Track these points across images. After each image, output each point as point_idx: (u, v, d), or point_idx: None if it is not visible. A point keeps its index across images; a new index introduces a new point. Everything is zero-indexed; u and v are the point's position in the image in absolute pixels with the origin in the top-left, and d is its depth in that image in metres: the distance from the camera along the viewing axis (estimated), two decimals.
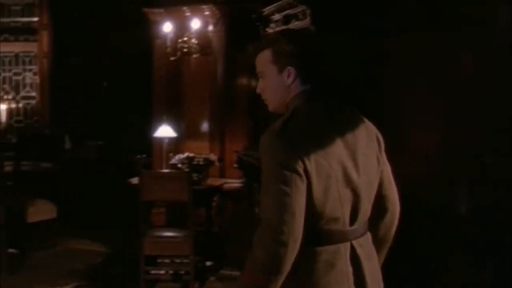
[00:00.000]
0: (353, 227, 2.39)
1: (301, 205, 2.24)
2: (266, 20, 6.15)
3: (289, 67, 2.43)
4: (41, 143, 8.57)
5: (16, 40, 10.07)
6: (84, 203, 7.96)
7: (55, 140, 8.43)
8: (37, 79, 10.02)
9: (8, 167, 7.45)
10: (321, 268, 2.32)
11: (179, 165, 6.61)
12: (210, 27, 7.43)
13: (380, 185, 2.51)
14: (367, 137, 2.48)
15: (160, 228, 6.34)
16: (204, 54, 7.35)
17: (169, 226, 6.65)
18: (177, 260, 6.20)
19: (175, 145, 7.17)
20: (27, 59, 10.09)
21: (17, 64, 10.05)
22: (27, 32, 10.11)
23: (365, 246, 2.45)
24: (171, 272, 6.17)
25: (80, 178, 8.26)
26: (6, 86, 9.94)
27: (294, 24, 5.47)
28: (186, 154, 6.71)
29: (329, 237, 2.35)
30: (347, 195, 2.35)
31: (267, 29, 6.13)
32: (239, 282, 2.34)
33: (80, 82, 9.72)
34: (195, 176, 6.28)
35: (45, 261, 6.83)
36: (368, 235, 2.50)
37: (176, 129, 7.04)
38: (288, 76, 2.43)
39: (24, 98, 10.00)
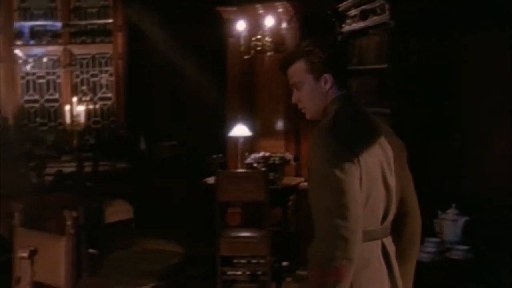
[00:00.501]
0: (383, 226, 2.52)
1: (358, 193, 2.36)
2: (342, 16, 6.02)
3: (325, 75, 2.56)
4: (117, 144, 8.65)
5: (93, 42, 10.20)
6: (160, 203, 7.98)
7: (131, 141, 8.50)
8: (112, 80, 10.13)
9: (87, 168, 7.55)
10: (358, 264, 2.35)
11: (255, 165, 6.54)
12: (284, 25, 7.35)
13: (403, 190, 2.63)
14: (396, 144, 2.63)
15: (236, 229, 6.29)
16: (278, 52, 7.27)
17: (245, 226, 6.60)
18: (254, 261, 6.15)
19: (250, 144, 7.11)
20: (103, 61, 10.21)
21: (93, 65, 10.18)
22: (102, 34, 10.23)
23: (392, 245, 2.58)
24: (247, 272, 6.11)
25: (155, 178, 8.29)
26: (84, 88, 10.09)
27: (372, 20, 5.32)
28: (261, 153, 6.64)
29: (365, 234, 2.41)
30: (383, 195, 2.49)
31: (343, 25, 5.99)
32: (311, 284, 2.36)
33: (154, 82, 9.77)
34: (271, 175, 6.20)
35: (122, 261, 6.85)
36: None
37: (250, 128, 6.98)
38: (325, 83, 2.57)
39: (101, 99, 10.12)
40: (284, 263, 6.46)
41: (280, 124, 7.40)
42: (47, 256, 3.39)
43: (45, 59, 10.08)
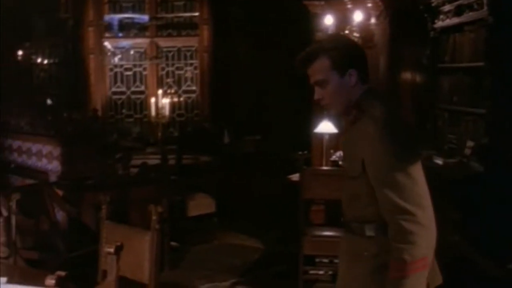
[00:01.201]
0: None
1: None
2: (435, 12, 5.81)
3: (350, 70, 2.59)
4: (201, 137, 8.67)
5: (179, 35, 10.27)
6: (242, 198, 7.94)
7: (215, 135, 8.49)
8: (197, 73, 10.17)
9: (171, 161, 7.58)
10: None
11: (340, 162, 6.40)
12: (373, 20, 7.15)
13: None
14: None
15: (320, 227, 6.15)
16: (366, 48, 7.04)
17: (328, 224, 6.46)
18: (336, 261, 6.00)
19: (336, 141, 6.97)
20: (188, 54, 10.26)
21: (179, 58, 10.24)
22: (188, 27, 10.28)
23: None
24: (330, 272, 5.98)
25: (238, 173, 8.26)
26: (169, 81, 10.17)
27: (468, 15, 5.11)
28: None
29: None
30: None
31: (436, 21, 5.78)
32: (403, 277, 2.42)
33: (239, 76, 9.74)
34: None
35: (204, 255, 6.86)
36: None
37: (336, 124, 6.83)
38: (351, 78, 2.60)
39: (185, 92, 10.19)
40: None
41: None
42: (132, 251, 3.38)
43: (132, 52, 10.21)
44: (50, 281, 2.31)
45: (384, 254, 2.49)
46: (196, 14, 10.18)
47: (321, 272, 5.96)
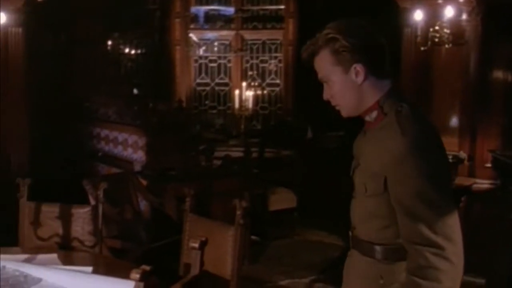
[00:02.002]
0: None
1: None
2: None
3: (355, 65, 2.20)
4: (283, 131, 8.62)
5: (264, 28, 10.25)
6: (323, 194, 7.86)
7: (298, 129, 8.43)
8: (281, 66, 10.13)
9: (253, 154, 7.57)
10: None
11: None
12: (464, 16, 6.94)
13: None
14: None
15: None
16: (457, 45, 6.89)
17: None
18: None
19: None
20: (273, 47, 10.23)
21: (263, 51, 10.23)
22: (274, 20, 10.25)
23: None
24: None
25: (320, 168, 8.18)
26: (253, 73, 10.17)
27: None
28: None
29: None
30: None
31: None
32: None
33: None
34: None
35: (283, 251, 6.82)
36: None
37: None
38: (357, 74, 2.21)
39: (269, 85, 10.17)
40: None
41: (455, 121, 7.03)
42: (215, 245, 3.36)
43: (216, 43, 10.26)
44: (135, 275, 2.31)
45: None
46: (282, 7, 10.15)
47: None
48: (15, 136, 6.55)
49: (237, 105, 9.01)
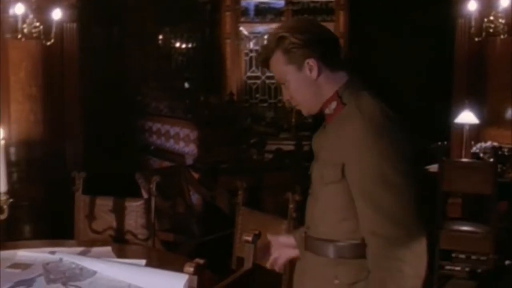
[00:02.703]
0: None
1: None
2: None
3: (307, 60, 2.16)
4: None
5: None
6: None
7: None
8: None
9: (304, 147, 7.55)
10: None
11: (481, 155, 6.12)
12: None
13: None
14: None
15: (458, 221, 5.93)
16: None
17: (465, 219, 6.21)
18: (473, 257, 5.78)
19: (476, 132, 6.68)
20: None
21: None
22: (324, 13, 10.19)
23: None
24: (467, 269, 5.76)
25: None
26: None
27: None
28: (489, 143, 6.20)
29: None
30: None
31: None
32: None
33: (375, 62, 9.56)
34: (498, 167, 5.77)
35: None
36: None
37: (478, 115, 6.54)
38: (311, 69, 2.17)
39: None
40: (507, 262, 6.01)
41: (509, 113, 6.87)
42: (267, 239, 3.35)
43: (266, 37, 10.25)
44: (189, 268, 2.32)
45: (363, 283, 2.09)
46: None
47: (457, 268, 5.76)
48: (70, 130, 6.65)
49: None
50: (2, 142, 2.58)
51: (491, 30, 6.72)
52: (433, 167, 5.78)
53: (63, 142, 6.57)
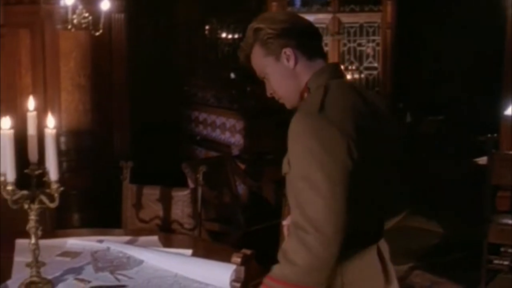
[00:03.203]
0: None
1: (353, 196, 1.92)
2: None
3: (284, 49, 2.15)
4: None
5: (362, 11, 10.10)
6: (421, 179, 7.72)
7: (396, 113, 8.31)
8: (379, 50, 9.97)
9: None
10: (353, 277, 2.08)
11: None
12: None
13: None
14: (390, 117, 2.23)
15: (507, 215, 5.83)
16: None
17: None
18: None
19: None
20: (370, 30, 10.07)
21: (361, 34, 10.09)
22: (371, 3, 10.08)
23: (385, 245, 2.24)
24: None
25: (419, 153, 8.03)
26: (351, 57, 10.05)
27: None
28: None
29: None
30: (383, 185, 2.13)
31: None
32: None
33: (422, 54, 9.44)
34: None
35: None
36: None
37: None
38: (288, 59, 2.15)
39: (366, 68, 10.03)
40: None
41: None
42: None
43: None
44: (237, 259, 2.33)
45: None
46: None
47: (506, 263, 5.66)
48: (117, 120, 6.72)
49: None
50: (53, 131, 2.62)
51: None
52: (482, 160, 5.70)
53: (111, 131, 6.65)
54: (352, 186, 1.92)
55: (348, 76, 8.90)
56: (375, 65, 9.98)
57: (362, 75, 9.95)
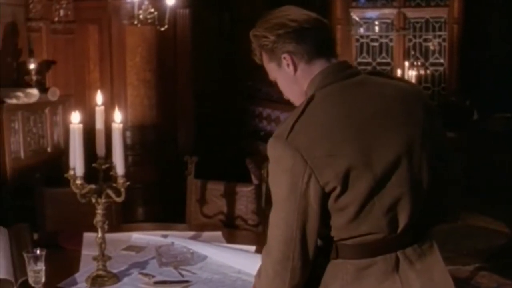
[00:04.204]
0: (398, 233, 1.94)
1: (313, 221, 1.87)
2: None
3: (282, 55, 2.01)
4: (448, 112, 8.35)
5: (428, 5, 9.95)
6: (488, 178, 7.54)
7: (463, 110, 8.14)
8: (445, 45, 9.80)
9: None
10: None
11: None
12: None
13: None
14: (405, 106, 1.97)
15: None
16: None
17: None
18: None
19: None
20: (437, 25, 9.91)
21: (427, 30, 9.93)
22: None
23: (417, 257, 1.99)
24: None
25: (488, 151, 7.84)
26: (416, 53, 9.91)
27: None
28: None
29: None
30: (395, 189, 1.89)
31: None
32: None
33: (491, 49, 9.22)
34: None
35: (446, 236, 6.56)
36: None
37: None
38: (288, 65, 2.01)
39: (432, 64, 9.87)
40: None
41: None
42: None
43: (377, 22, 10.07)
44: None
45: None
46: None
47: None
48: (182, 114, 6.78)
49: None
50: (120, 125, 2.64)
51: None
52: None
53: (175, 126, 6.71)
54: (315, 213, 1.88)
55: (414, 72, 8.83)
56: (441, 61, 9.82)
57: (428, 71, 9.80)
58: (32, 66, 5.76)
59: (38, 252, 2.48)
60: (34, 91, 5.54)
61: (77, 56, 6.36)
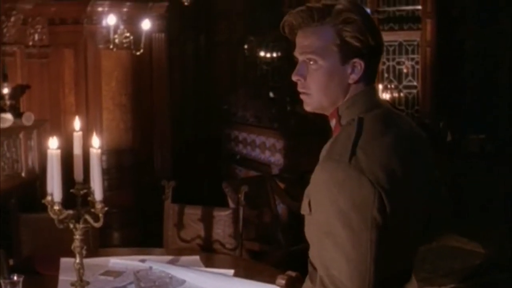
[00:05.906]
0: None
1: (383, 251, 1.67)
2: None
3: (356, 59, 1.78)
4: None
5: (401, 29, 10.06)
6: (462, 199, 7.61)
7: (436, 132, 8.22)
8: (419, 68, 9.91)
9: None
10: None
11: None
12: None
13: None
14: (428, 148, 1.95)
15: None
16: None
17: None
18: None
19: None
20: (410, 48, 10.02)
21: (400, 53, 10.04)
22: (411, 21, 10.04)
23: None
24: None
25: (462, 173, 7.91)
26: (390, 75, 10.00)
27: None
28: None
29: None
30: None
31: None
32: None
33: (463, 72, 9.34)
34: None
35: (422, 257, 6.65)
36: None
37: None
38: (353, 71, 1.79)
39: (405, 87, 9.97)
40: None
41: None
42: None
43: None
44: (281, 281, 2.30)
45: None
46: (419, 7, 9.90)
47: None
48: (158, 138, 6.78)
49: None
50: (98, 151, 2.64)
51: None
52: None
53: (152, 150, 6.70)
54: (382, 240, 1.68)
55: (388, 95, 8.92)
56: (414, 83, 9.92)
57: (401, 94, 9.90)
58: (6, 90, 5.72)
59: (15, 278, 2.46)
60: (8, 116, 5.49)
61: (52, 81, 6.33)
